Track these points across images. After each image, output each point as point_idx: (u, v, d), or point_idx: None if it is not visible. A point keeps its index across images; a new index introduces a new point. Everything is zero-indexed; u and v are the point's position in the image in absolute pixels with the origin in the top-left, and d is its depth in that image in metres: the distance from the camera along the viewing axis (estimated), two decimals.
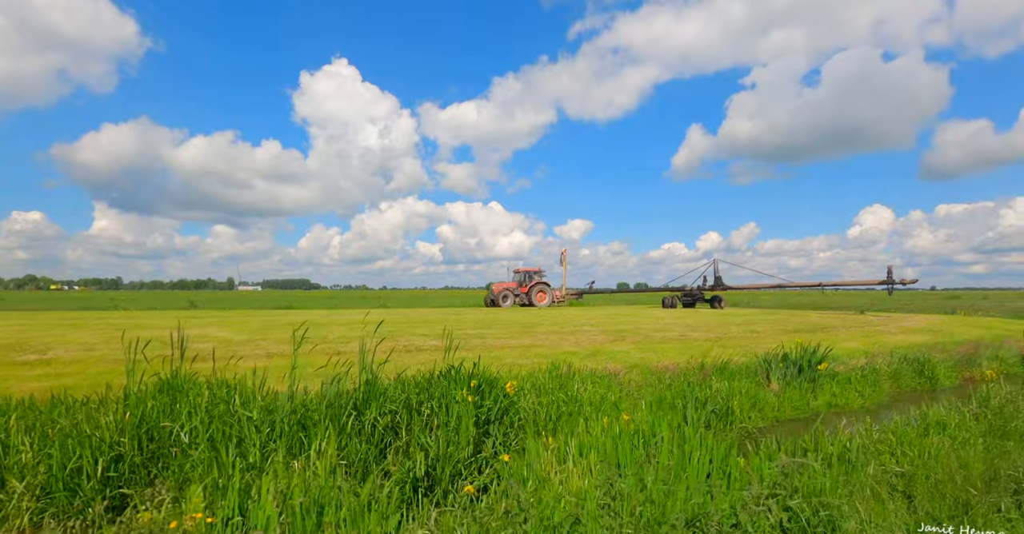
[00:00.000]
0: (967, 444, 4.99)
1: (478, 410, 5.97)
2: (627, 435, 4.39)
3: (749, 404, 7.79)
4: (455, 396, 5.98)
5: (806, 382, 9.01)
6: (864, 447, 4.59)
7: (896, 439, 4.89)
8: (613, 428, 4.55)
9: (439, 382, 6.47)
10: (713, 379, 8.14)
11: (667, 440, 4.33)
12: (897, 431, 5.26)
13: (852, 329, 15.76)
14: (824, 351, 9.36)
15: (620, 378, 8.45)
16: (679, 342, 12.72)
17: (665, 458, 3.95)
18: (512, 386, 6.31)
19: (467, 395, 6.08)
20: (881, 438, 4.91)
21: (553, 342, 12.44)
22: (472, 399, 6.03)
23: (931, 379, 10.48)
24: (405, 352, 11.21)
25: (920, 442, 4.74)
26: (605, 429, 4.46)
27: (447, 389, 6.24)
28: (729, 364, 9.38)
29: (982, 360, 11.71)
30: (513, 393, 6.67)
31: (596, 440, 4.27)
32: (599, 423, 4.63)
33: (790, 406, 8.50)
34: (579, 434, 4.44)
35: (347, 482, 3.73)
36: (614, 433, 4.40)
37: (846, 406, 8.84)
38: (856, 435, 4.99)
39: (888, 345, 12.90)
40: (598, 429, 4.50)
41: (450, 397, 5.93)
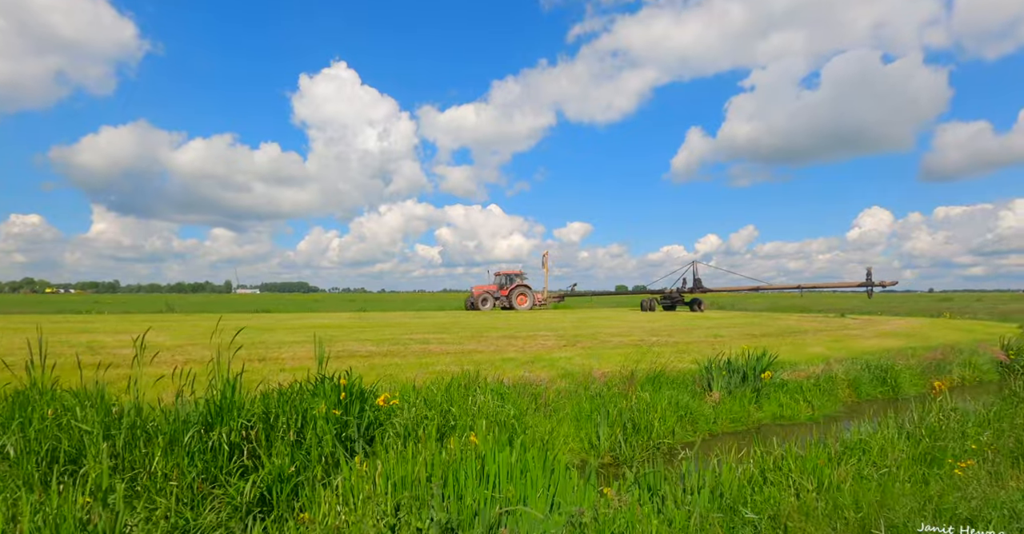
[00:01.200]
0: (888, 473, 4.26)
1: (339, 426, 5.32)
2: (458, 462, 3.68)
3: (676, 417, 7.06)
4: (314, 410, 5.33)
5: (750, 392, 8.28)
6: (753, 478, 3.87)
7: (799, 467, 4.16)
8: (447, 452, 3.84)
9: (305, 395, 5.82)
10: (638, 389, 7.41)
11: (503, 468, 3.62)
12: (808, 456, 4.53)
13: (823, 333, 15.01)
14: (769, 358, 8.63)
15: (545, 387, 7.72)
16: (632, 348, 11.99)
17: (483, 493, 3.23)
18: (386, 399, 5.62)
19: (332, 409, 5.42)
20: (779, 465, 4.17)
21: (498, 348, 11.73)
22: (337, 413, 5.37)
23: (894, 388, 9.73)
24: (336, 359, 10.53)
25: (825, 472, 4.01)
26: (432, 454, 3.75)
27: (311, 402, 5.59)
28: (665, 372, 8.67)
29: (952, 366, 10.95)
30: (393, 406, 6.00)
31: (408, 468, 3.55)
32: (427, 447, 3.92)
33: (728, 418, 7.78)
34: (395, 458, 3.72)
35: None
36: (442, 459, 3.69)
37: (792, 418, 8.11)
38: (750, 461, 4.26)
39: (856, 350, 12.15)
40: (425, 453, 3.79)
41: (311, 411, 5.32)
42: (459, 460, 3.75)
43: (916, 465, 4.42)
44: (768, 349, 12.18)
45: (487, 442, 3.83)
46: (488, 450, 3.63)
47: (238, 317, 23.76)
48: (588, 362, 10.21)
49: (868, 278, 20.29)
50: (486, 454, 3.75)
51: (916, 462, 4.47)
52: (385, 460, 3.77)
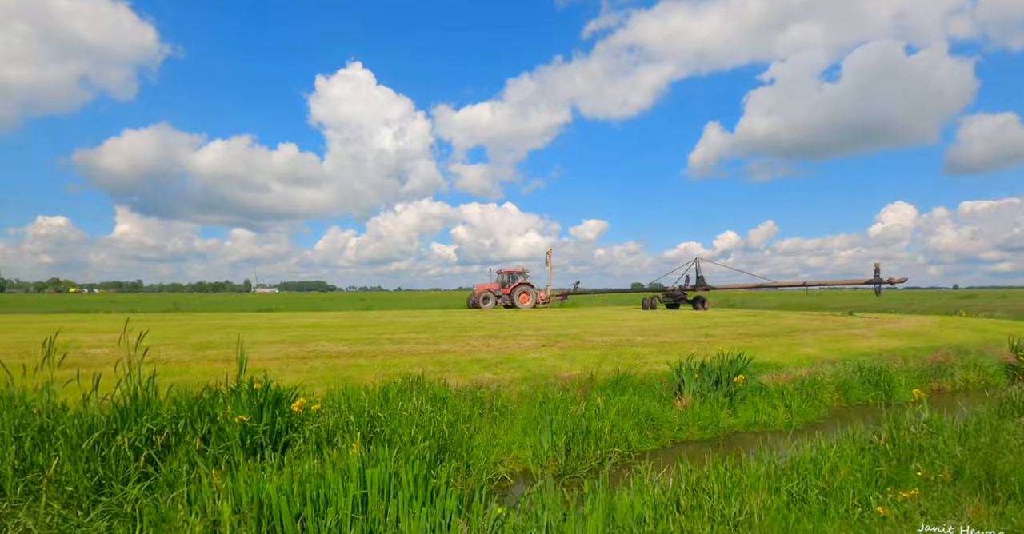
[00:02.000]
0: (827, 498, 3.76)
1: (246, 432, 5.04)
2: (329, 477, 3.32)
3: (633, 423, 6.59)
4: (218, 415, 5.07)
5: (722, 396, 7.75)
6: (661, 504, 3.42)
7: (725, 488, 3.69)
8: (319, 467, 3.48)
9: (222, 399, 5.54)
10: (595, 393, 6.96)
11: (373, 486, 3.24)
12: (747, 473, 4.06)
13: (823, 332, 14.27)
14: (744, 361, 8.08)
15: (494, 391, 7.33)
16: (612, 348, 11.51)
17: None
18: (302, 404, 5.30)
19: (238, 415, 5.13)
20: (704, 487, 3.71)
21: (472, 348, 11.37)
22: (245, 419, 5.09)
23: (887, 392, 9.07)
24: (300, 359, 10.30)
25: (748, 497, 3.54)
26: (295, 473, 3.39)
27: (219, 408, 5.32)
28: (637, 374, 8.19)
29: (954, 369, 10.21)
30: (314, 411, 5.68)
31: (260, 484, 3.19)
32: (306, 460, 3.56)
33: (696, 425, 7.28)
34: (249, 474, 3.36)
35: None
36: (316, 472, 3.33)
37: (768, 425, 7.57)
38: (672, 480, 3.81)
39: (852, 351, 11.46)
40: (307, 465, 3.42)
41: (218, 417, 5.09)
42: (331, 474, 3.39)
43: (869, 488, 3.90)
44: (758, 349, 11.60)
45: (376, 456, 3.45)
46: (352, 464, 3.26)
47: (235, 316, 23.86)
48: (559, 363, 9.79)
49: (876, 275, 19.31)
50: (351, 468, 3.38)
51: (868, 485, 3.95)
52: (256, 471, 3.42)
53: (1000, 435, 4.82)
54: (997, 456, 3.95)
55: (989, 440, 4.69)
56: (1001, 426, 5.01)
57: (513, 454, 6.23)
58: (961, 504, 3.37)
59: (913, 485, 3.59)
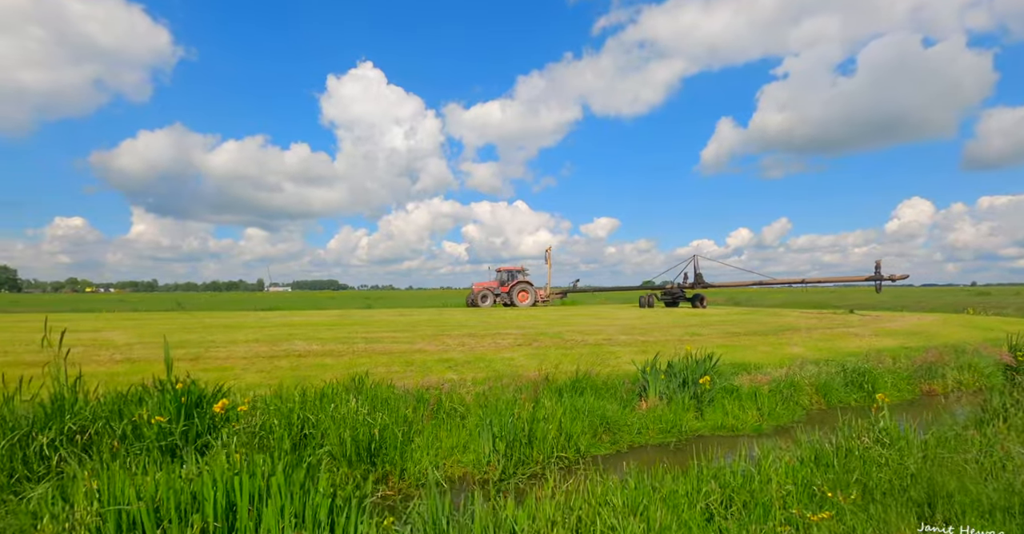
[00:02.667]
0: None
1: (163, 434, 4.89)
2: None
3: (584, 426, 6.29)
4: (134, 416, 4.92)
5: (688, 399, 7.40)
6: (552, 520, 3.12)
7: (636, 502, 3.38)
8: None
9: (147, 399, 5.39)
10: (547, 396, 6.66)
11: (244, 496, 3.00)
12: (666, 485, 3.74)
13: (816, 331, 13.75)
14: (712, 361, 7.72)
15: (441, 392, 7.07)
16: (591, 347, 11.18)
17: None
18: (224, 406, 5.09)
19: (155, 415, 4.97)
20: (608, 500, 3.40)
21: (446, 347, 11.13)
22: (162, 420, 4.94)
23: (870, 394, 8.61)
24: (267, 358, 10.15)
25: (653, 514, 3.22)
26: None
27: (137, 409, 5.15)
28: (601, 375, 7.88)
29: (946, 369, 9.70)
30: (240, 412, 5.48)
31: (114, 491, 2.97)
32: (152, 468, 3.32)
33: (657, 428, 6.95)
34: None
35: None
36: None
37: (735, 429, 7.20)
38: (576, 493, 3.51)
39: (841, 351, 10.98)
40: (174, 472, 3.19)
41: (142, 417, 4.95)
42: (201, 480, 3.15)
43: (799, 504, 3.56)
44: (743, 349, 11.17)
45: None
46: (220, 470, 3.02)
47: (231, 315, 23.95)
48: (528, 363, 9.49)
49: (876, 271, 18.61)
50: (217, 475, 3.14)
51: (801, 500, 3.61)
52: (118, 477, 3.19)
53: (964, 446, 4.43)
54: (946, 472, 3.57)
55: (947, 452, 4.30)
56: (966, 437, 4.61)
57: (455, 458, 5.97)
58: (889, 528, 3.02)
59: (831, 506, 3.24)
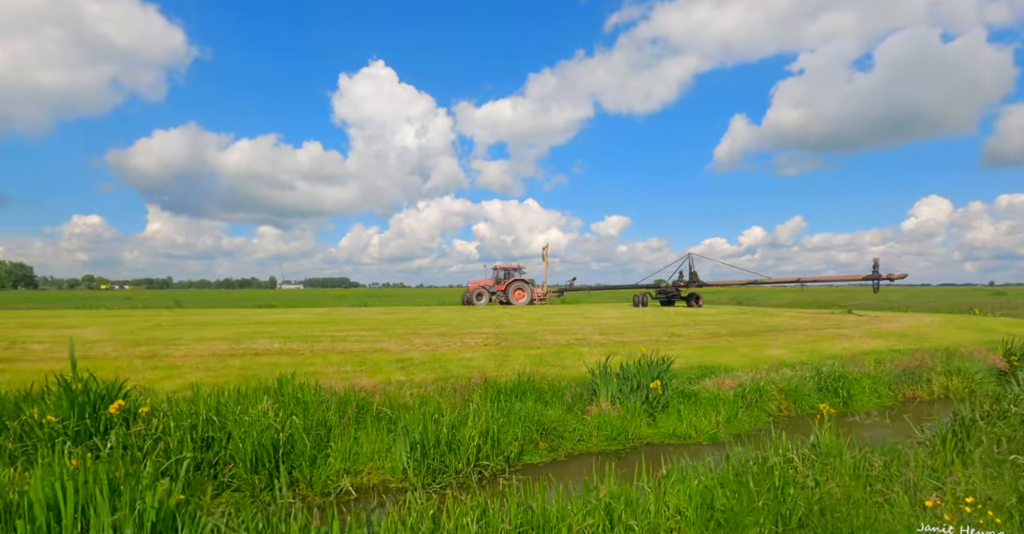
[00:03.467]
0: None
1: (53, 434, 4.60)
2: None
3: (513, 435, 5.87)
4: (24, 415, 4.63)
5: (639, 404, 6.94)
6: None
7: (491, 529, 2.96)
8: None
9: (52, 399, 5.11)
10: (474, 399, 6.25)
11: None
12: (550, 509, 3.32)
13: (804, 332, 13.13)
14: (665, 363, 7.24)
15: (370, 395, 6.70)
16: (559, 348, 10.75)
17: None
18: (120, 407, 4.79)
19: (46, 415, 4.69)
20: (463, 524, 2.98)
21: (409, 347, 10.79)
22: (53, 419, 4.67)
23: (846, 400, 8.06)
24: (221, 357, 9.89)
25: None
26: None
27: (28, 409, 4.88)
28: (535, 379, 7.46)
29: (933, 374, 9.08)
30: (141, 415, 5.18)
31: None
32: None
33: (602, 435, 6.50)
34: None
35: None
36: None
37: (689, 437, 6.72)
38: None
39: (825, 354, 10.39)
40: None
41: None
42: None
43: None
44: (720, 351, 10.63)
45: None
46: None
47: (219, 312, 23.91)
48: (487, 364, 9.09)
49: (874, 270, 17.80)
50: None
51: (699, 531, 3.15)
52: None
53: (894, 472, 3.88)
54: (853, 507, 3.09)
55: (883, 475, 3.80)
56: (903, 458, 4.09)
57: (375, 464, 5.61)
58: None
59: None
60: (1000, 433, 4.86)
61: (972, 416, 5.26)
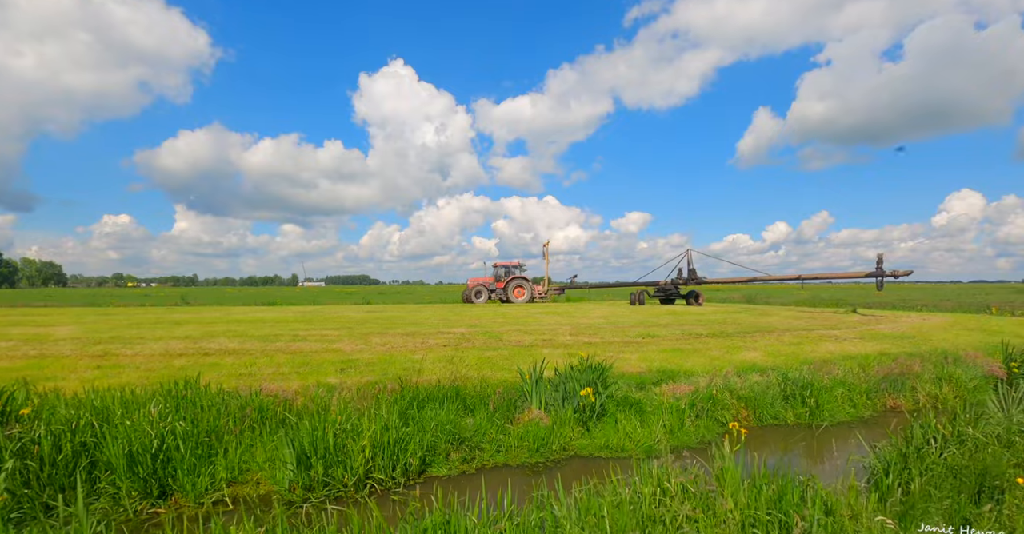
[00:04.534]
0: None
1: None
2: None
3: (419, 444, 5.41)
4: None
5: (572, 412, 6.39)
6: None
7: None
8: None
9: None
10: (382, 407, 5.80)
11: None
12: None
13: (792, 333, 12.28)
14: (601, 369, 6.67)
15: (258, 399, 6.32)
16: (521, 348, 10.24)
17: None
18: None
19: None
20: None
21: (365, 347, 10.46)
22: None
23: (812, 410, 7.33)
24: (170, 356, 9.69)
25: None
26: None
27: None
28: (461, 383, 6.97)
29: (918, 381, 8.25)
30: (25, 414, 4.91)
31: None
32: None
33: (525, 446, 6.00)
34: None
35: None
36: None
37: (623, 449, 6.15)
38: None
39: (807, 357, 9.60)
40: None
41: None
42: None
43: None
44: (691, 353, 9.93)
45: None
46: None
47: (212, 310, 24.11)
48: (434, 367, 8.66)
49: (878, 267, 16.61)
50: None
51: None
52: None
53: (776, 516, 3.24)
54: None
55: (774, 509, 3.19)
56: (811, 495, 3.46)
57: (265, 474, 5.23)
58: None
59: None
60: (951, 462, 4.16)
61: (924, 438, 4.56)
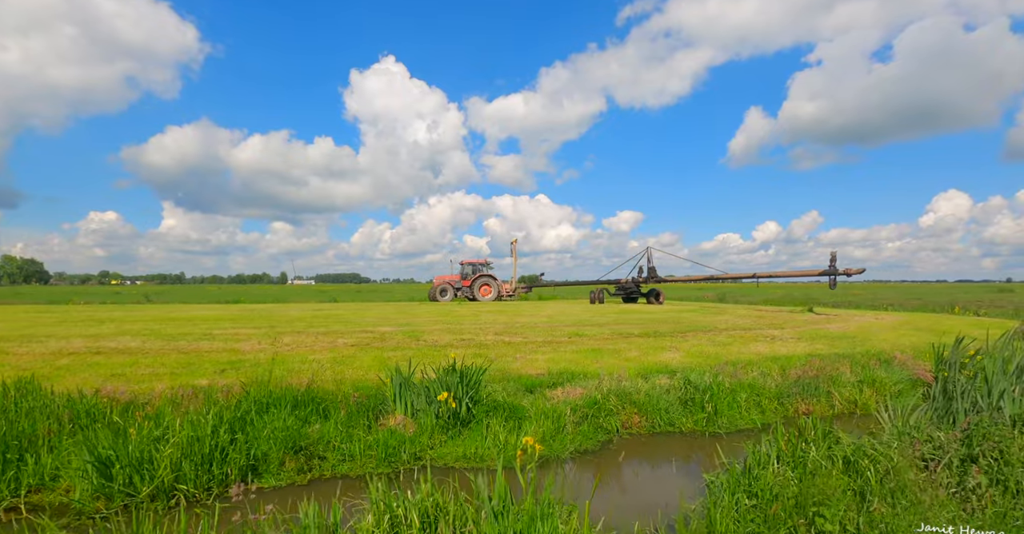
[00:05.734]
0: None
1: None
2: None
3: (239, 455, 4.83)
4: None
5: (432, 418, 5.84)
6: None
7: None
8: None
9: None
10: (209, 412, 5.22)
11: None
12: None
13: (727, 333, 11.78)
14: (478, 371, 6.14)
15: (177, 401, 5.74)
16: (430, 349, 9.69)
17: None
18: None
19: None
20: None
21: (268, 346, 9.91)
22: None
23: (711, 416, 6.80)
24: (58, 355, 9.08)
25: None
26: None
27: None
28: (315, 387, 6.42)
29: (834, 385, 7.75)
30: None
31: None
32: None
33: (375, 455, 5.44)
34: None
35: None
36: None
37: (483, 459, 5.62)
38: None
39: (729, 358, 9.07)
40: None
41: None
42: None
43: None
44: (607, 353, 9.37)
45: None
46: None
47: (170, 308, 23.45)
48: (322, 367, 8.07)
49: (831, 265, 16.12)
50: None
51: None
52: None
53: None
54: None
55: None
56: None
57: (75, 482, 4.66)
58: None
59: None
60: (776, 491, 3.61)
61: (756, 459, 4.02)
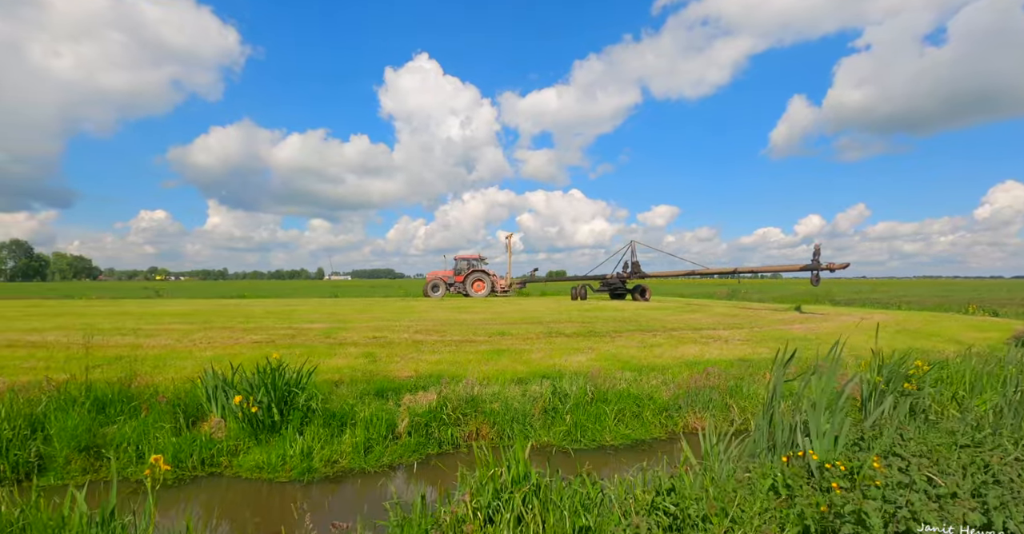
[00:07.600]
0: None
1: None
2: None
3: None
4: None
5: (245, 423, 5.40)
6: None
7: None
8: None
9: None
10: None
11: None
12: None
13: (672, 333, 10.76)
14: (301, 374, 5.66)
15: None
16: (331, 346, 9.30)
17: None
18: None
19: None
20: None
21: (176, 342, 9.78)
22: None
23: (571, 429, 6.04)
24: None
25: None
26: None
27: None
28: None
29: (732, 398, 6.80)
30: None
31: None
32: None
33: (164, 458, 5.02)
34: None
35: None
36: None
37: (275, 469, 5.15)
38: None
39: (651, 362, 8.21)
40: None
41: None
42: None
43: None
44: (511, 354, 8.66)
45: None
46: None
47: (149, 303, 24.26)
48: (201, 364, 7.81)
49: (814, 259, 14.49)
50: None
51: None
52: None
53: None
54: None
55: None
56: None
57: None
58: None
59: None
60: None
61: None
